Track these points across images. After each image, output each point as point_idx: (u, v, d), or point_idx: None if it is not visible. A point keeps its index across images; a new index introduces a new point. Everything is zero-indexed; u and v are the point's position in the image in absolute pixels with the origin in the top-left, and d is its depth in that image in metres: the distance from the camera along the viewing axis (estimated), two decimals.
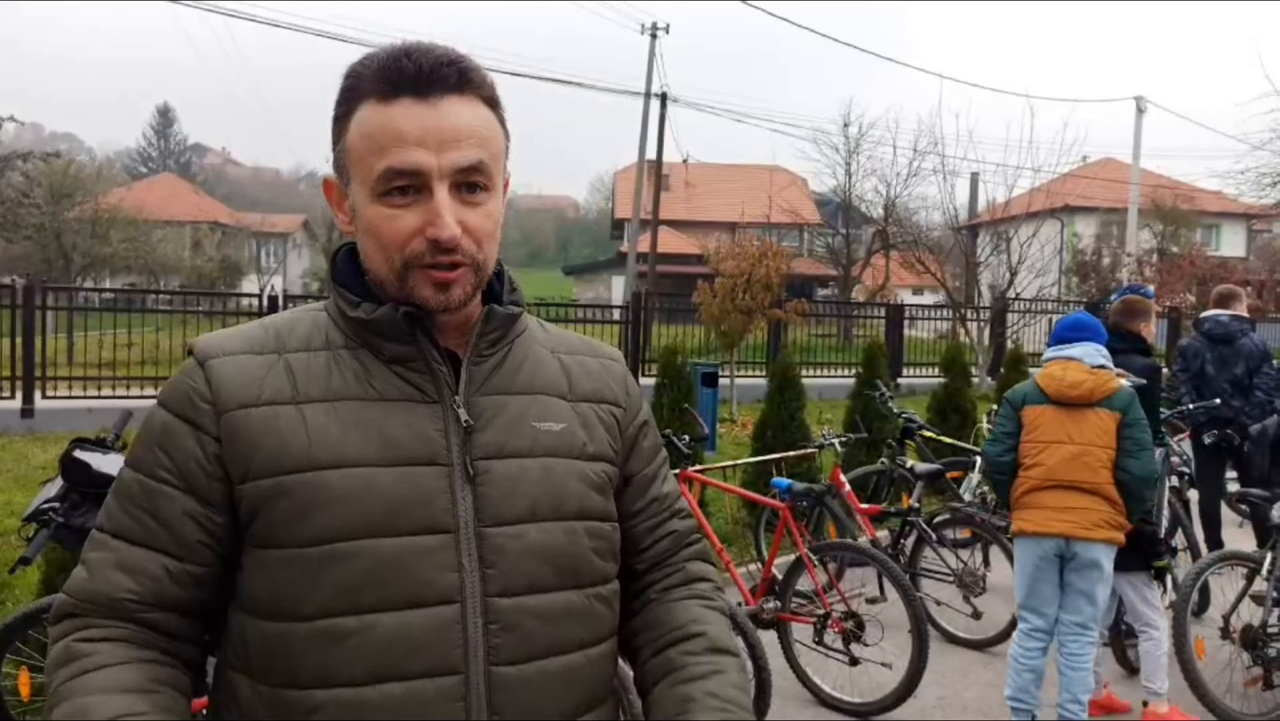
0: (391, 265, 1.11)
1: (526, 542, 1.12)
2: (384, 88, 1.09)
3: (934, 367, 15.43)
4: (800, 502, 4.99)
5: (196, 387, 1.11)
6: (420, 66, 1.08)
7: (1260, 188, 23.17)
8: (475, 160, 1.10)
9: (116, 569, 1.08)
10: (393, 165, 1.08)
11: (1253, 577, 4.57)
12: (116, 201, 28.75)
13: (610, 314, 17.25)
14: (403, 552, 1.07)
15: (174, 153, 71.14)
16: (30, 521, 3.05)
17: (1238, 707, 4.31)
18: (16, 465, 8.51)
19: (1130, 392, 3.92)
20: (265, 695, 1.07)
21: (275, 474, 1.07)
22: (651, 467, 1.32)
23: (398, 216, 1.09)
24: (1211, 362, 6.34)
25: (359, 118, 1.11)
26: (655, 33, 24.79)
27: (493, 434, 1.14)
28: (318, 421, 1.09)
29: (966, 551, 5.62)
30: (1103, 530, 3.85)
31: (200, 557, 1.09)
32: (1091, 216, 33.24)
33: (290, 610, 1.06)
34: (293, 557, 1.06)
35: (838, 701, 4.43)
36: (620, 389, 1.30)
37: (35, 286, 11.80)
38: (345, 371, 1.13)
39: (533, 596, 1.11)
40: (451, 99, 1.10)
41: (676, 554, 1.33)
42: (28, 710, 3.47)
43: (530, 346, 1.24)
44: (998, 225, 20.42)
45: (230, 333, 1.18)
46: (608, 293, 37.09)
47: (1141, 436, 3.85)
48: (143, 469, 1.11)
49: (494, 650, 1.08)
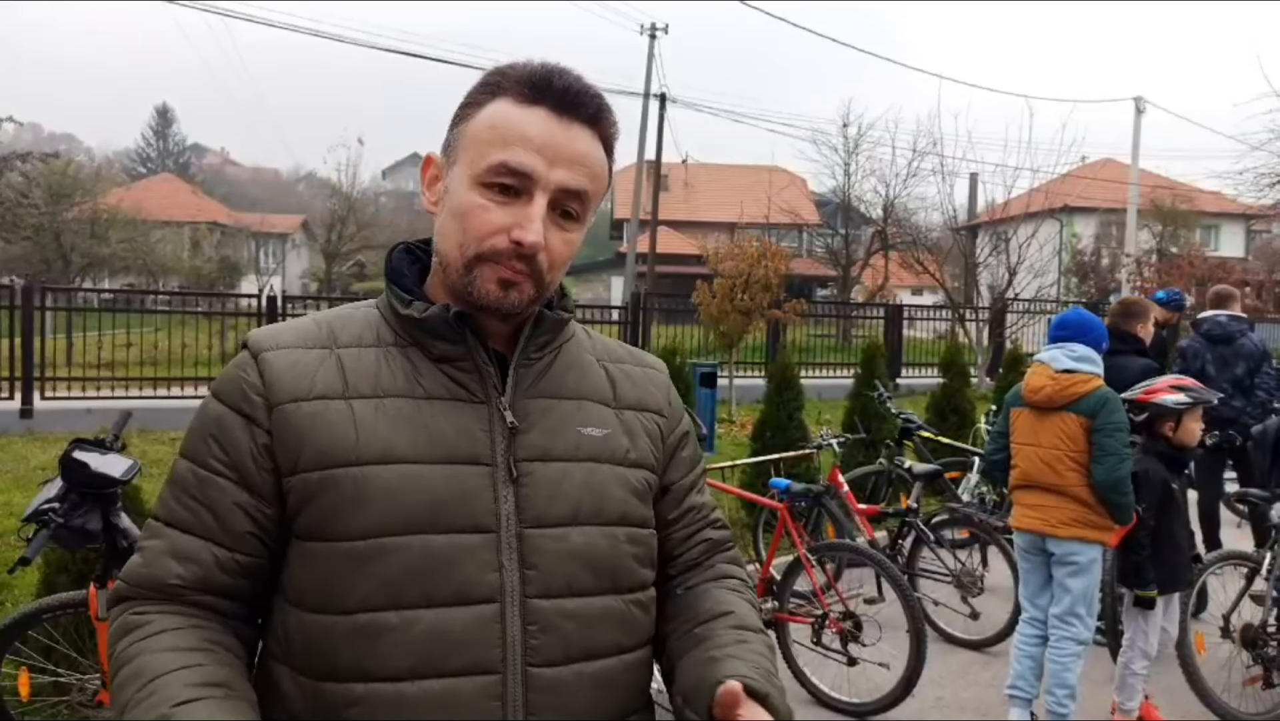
0: (464, 252, 1.13)
1: (567, 545, 1.13)
2: (528, 92, 1.12)
3: (933, 368, 15.44)
4: (798, 503, 5.00)
5: (249, 380, 1.13)
6: (568, 87, 1.13)
7: (1259, 188, 23.20)
8: (580, 187, 1.13)
9: (169, 556, 1.10)
10: (508, 161, 1.10)
11: (1252, 577, 4.58)
12: (115, 202, 28.77)
13: (609, 314, 17.26)
14: (445, 550, 1.08)
15: (173, 153, 70.98)
16: (29, 522, 3.05)
17: (1237, 706, 4.32)
18: (16, 466, 8.51)
19: (1101, 398, 3.89)
20: (306, 687, 1.08)
21: (323, 467, 1.09)
22: (690, 478, 1.34)
23: (490, 210, 1.11)
24: (1212, 363, 6.34)
25: (493, 108, 1.13)
26: (654, 33, 24.81)
27: (537, 436, 1.16)
28: (366, 417, 1.11)
29: (964, 552, 5.62)
30: (1071, 528, 3.92)
31: (249, 547, 1.12)
32: (1091, 217, 33.26)
33: (333, 603, 1.07)
34: (337, 551, 1.07)
35: (835, 701, 4.44)
36: (663, 398, 1.32)
37: (34, 287, 11.81)
38: (395, 369, 1.15)
39: (571, 599, 1.12)
40: (582, 127, 1.14)
41: (709, 558, 1.34)
42: (27, 710, 3.47)
43: (577, 353, 1.26)
44: (997, 225, 20.43)
45: (283, 326, 1.20)
46: (607, 293, 37.13)
47: (1106, 442, 3.83)
48: (196, 459, 1.13)
49: (532, 650, 1.10)
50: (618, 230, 42.45)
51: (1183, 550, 4.20)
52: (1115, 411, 3.88)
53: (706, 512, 1.36)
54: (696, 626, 1.23)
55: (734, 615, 1.24)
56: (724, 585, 1.31)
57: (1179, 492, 4.18)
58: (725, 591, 1.29)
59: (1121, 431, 3.87)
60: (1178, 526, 4.18)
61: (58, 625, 3.44)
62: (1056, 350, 4.05)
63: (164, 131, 70.78)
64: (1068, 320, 4.16)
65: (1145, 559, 4.03)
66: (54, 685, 3.45)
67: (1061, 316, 4.25)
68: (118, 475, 3.07)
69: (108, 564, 3.11)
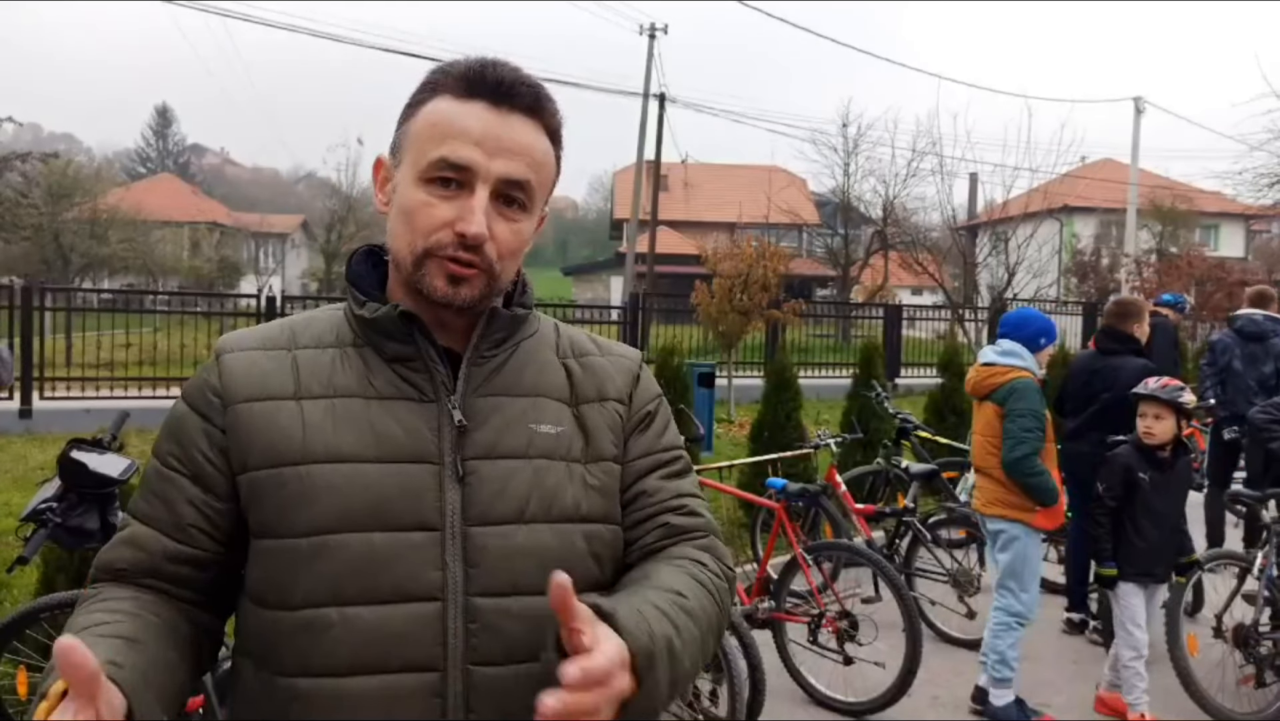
0: (413, 249, 1.14)
1: (513, 543, 1.12)
2: (465, 87, 1.14)
3: (932, 368, 15.44)
4: (795, 503, 5.01)
5: (210, 382, 1.17)
6: (501, 79, 1.14)
7: (1258, 188, 23.16)
8: (522, 176, 1.14)
9: (125, 543, 1.16)
10: (446, 155, 1.12)
11: (1244, 577, 4.59)
12: (115, 202, 28.80)
13: (608, 314, 17.28)
14: (388, 547, 1.09)
15: (172, 153, 71.06)
16: (28, 521, 3.06)
17: (1230, 706, 4.33)
18: (14, 465, 8.52)
19: (1011, 387, 4.24)
20: (263, 680, 1.11)
21: (271, 465, 1.11)
22: (645, 461, 1.25)
23: (434, 205, 1.13)
24: (1240, 359, 6.44)
25: (431, 107, 1.15)
26: (654, 33, 24.82)
27: (486, 434, 1.15)
28: (315, 416, 1.13)
29: (961, 551, 5.63)
30: (994, 507, 4.37)
31: (196, 542, 1.15)
32: (1090, 217, 33.27)
33: (280, 599, 1.09)
34: (284, 548, 1.10)
35: (832, 700, 4.45)
36: (625, 383, 1.28)
37: (34, 287, 11.83)
38: (349, 369, 1.16)
39: (516, 598, 1.11)
40: (520, 117, 1.15)
41: (671, 545, 1.22)
42: (26, 709, 3.48)
43: (537, 349, 1.25)
44: (996, 225, 20.43)
45: (252, 330, 1.24)
46: (606, 293, 37.14)
47: (1008, 426, 4.22)
48: (159, 456, 1.18)
49: (473, 650, 1.09)
50: (617, 230, 42.46)
51: (1149, 541, 4.18)
52: (1020, 399, 4.21)
53: (665, 497, 1.24)
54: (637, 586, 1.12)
55: (652, 580, 1.13)
56: (671, 562, 1.18)
57: (1148, 485, 4.18)
58: (664, 565, 1.17)
59: (1024, 417, 4.18)
60: (1144, 517, 4.18)
61: (56, 624, 3.44)
62: (990, 347, 4.53)
63: (164, 131, 70.85)
64: (1007, 319, 4.57)
65: (1103, 535, 4.21)
66: None
67: (1004, 315, 4.68)
68: (115, 475, 3.08)
69: None
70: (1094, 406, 5.20)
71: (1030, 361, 4.33)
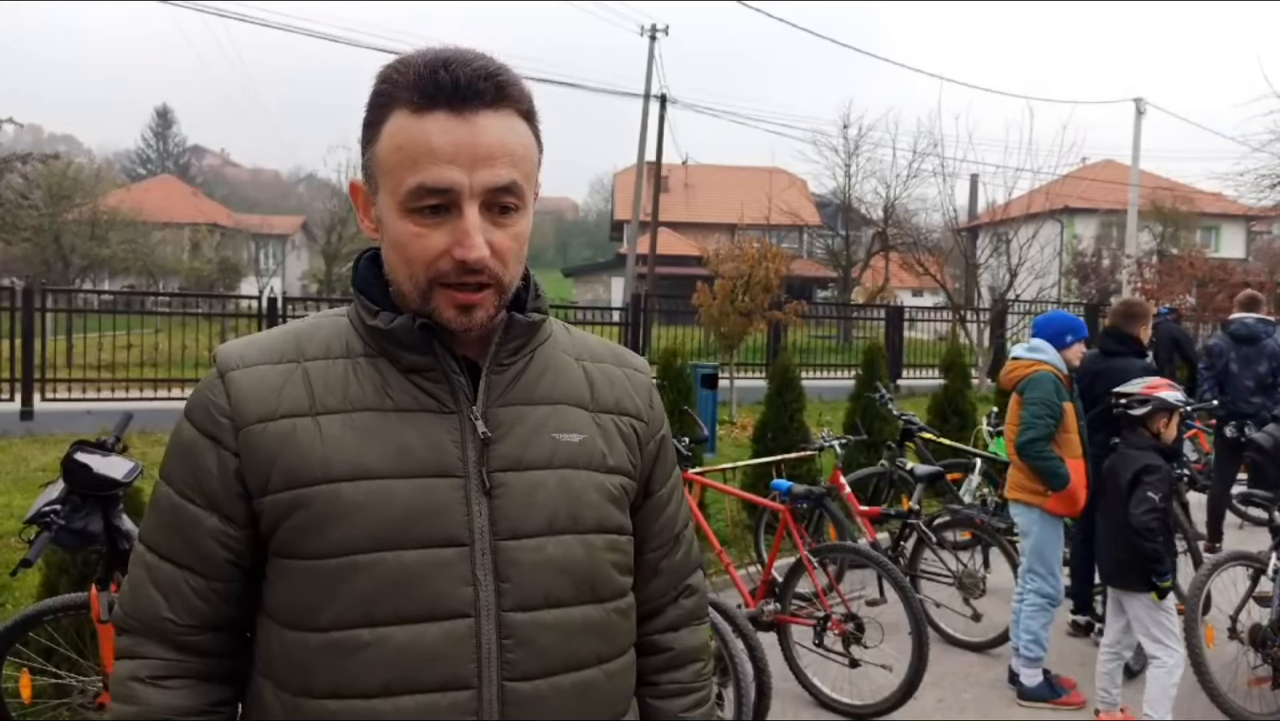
0: (416, 282, 1.09)
1: (544, 556, 1.11)
2: (418, 99, 1.05)
3: (934, 369, 15.43)
4: (800, 505, 4.99)
5: (216, 402, 1.12)
6: (457, 80, 1.04)
7: (1260, 189, 23.10)
8: (508, 181, 1.07)
9: (153, 586, 1.13)
10: (424, 182, 1.05)
11: (1258, 578, 4.57)
12: (115, 203, 28.77)
13: (610, 315, 17.26)
14: (418, 565, 1.06)
15: (173, 154, 70.97)
16: (31, 524, 3.05)
17: (1243, 705, 4.31)
18: (16, 467, 8.51)
19: (1029, 378, 4.57)
20: (286, 702, 1.08)
21: (293, 487, 1.07)
22: (666, 489, 1.30)
23: (426, 235, 1.07)
24: (1235, 361, 6.80)
25: (391, 127, 1.07)
26: (654, 34, 24.78)
27: (510, 445, 1.13)
28: (334, 433, 1.09)
29: (966, 553, 5.62)
30: (1014, 491, 4.71)
31: (225, 574, 1.12)
32: (1091, 218, 33.24)
33: (307, 620, 1.07)
34: (311, 568, 1.07)
35: (837, 703, 4.43)
36: (644, 401, 1.27)
37: (34, 288, 11.81)
38: (364, 381, 1.12)
39: (549, 611, 1.10)
40: (487, 114, 1.06)
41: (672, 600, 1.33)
42: (28, 712, 3.46)
43: (553, 354, 1.22)
44: (997, 227, 20.44)
45: (251, 341, 1.18)
46: (607, 294, 37.09)
47: (1023, 414, 4.54)
48: (172, 482, 1.14)
49: (508, 665, 1.08)
50: (618, 231, 42.46)
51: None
52: (1035, 388, 4.52)
53: (680, 529, 1.33)
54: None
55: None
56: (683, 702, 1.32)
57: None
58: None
59: (1036, 405, 4.48)
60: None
61: (59, 627, 3.43)
62: (1021, 344, 4.96)
63: (164, 133, 70.78)
64: (1038, 319, 4.97)
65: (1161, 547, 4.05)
66: (55, 687, 3.44)
67: (1036, 317, 5.11)
68: (119, 477, 3.06)
69: (109, 566, 3.10)
70: (1097, 408, 5.18)
71: (1053, 356, 4.63)
